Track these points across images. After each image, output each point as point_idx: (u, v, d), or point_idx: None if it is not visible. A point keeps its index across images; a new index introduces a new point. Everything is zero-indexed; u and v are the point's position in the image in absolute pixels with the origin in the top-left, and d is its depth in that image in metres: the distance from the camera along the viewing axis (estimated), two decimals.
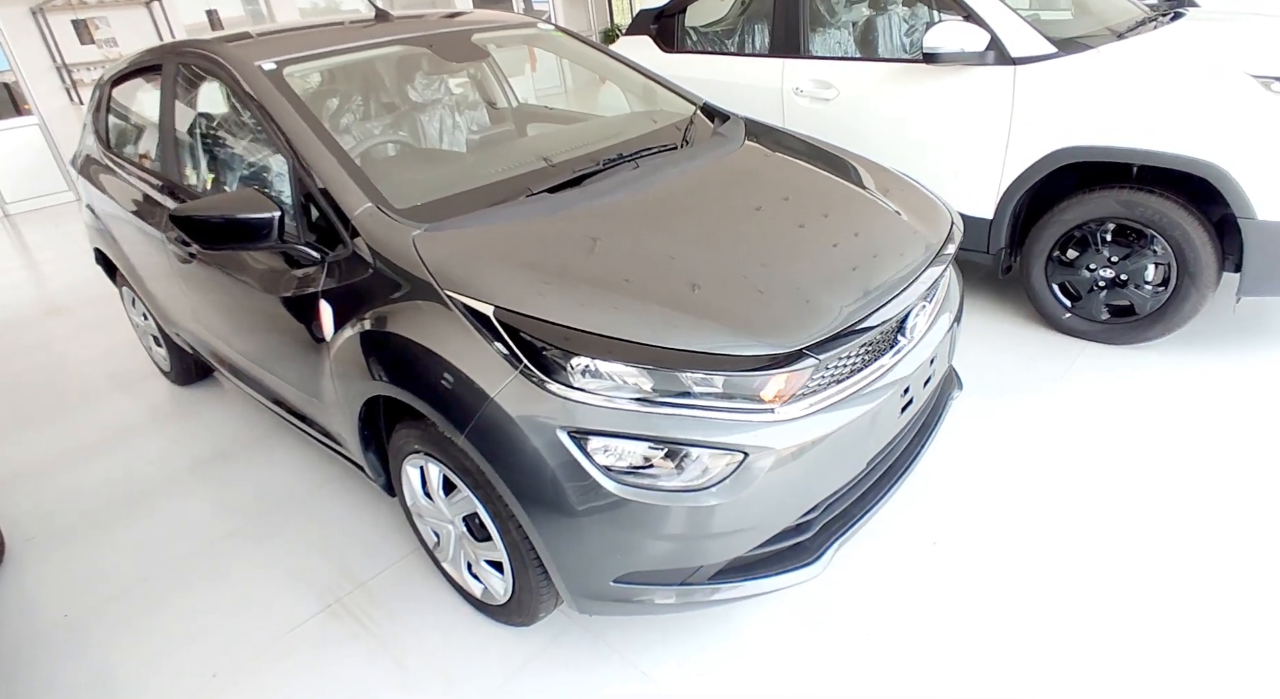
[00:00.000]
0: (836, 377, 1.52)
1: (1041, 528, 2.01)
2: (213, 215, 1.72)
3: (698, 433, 1.39)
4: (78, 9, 8.29)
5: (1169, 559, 1.87)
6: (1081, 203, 2.68)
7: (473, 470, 1.56)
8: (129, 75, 2.75)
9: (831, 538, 1.63)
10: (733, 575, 1.55)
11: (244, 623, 2.00)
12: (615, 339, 1.40)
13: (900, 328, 1.65)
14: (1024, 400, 2.56)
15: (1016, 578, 1.87)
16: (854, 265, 1.66)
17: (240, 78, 2.00)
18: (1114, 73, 2.52)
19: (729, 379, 1.40)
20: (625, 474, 1.40)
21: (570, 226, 1.69)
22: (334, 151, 1.83)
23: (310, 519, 2.39)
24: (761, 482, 1.42)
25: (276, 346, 2.13)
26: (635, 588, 1.52)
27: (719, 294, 1.50)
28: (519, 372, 1.43)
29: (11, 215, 8.49)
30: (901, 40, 3.38)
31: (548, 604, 1.72)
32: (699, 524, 1.42)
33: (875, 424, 1.59)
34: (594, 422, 1.39)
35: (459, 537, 1.81)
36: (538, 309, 1.45)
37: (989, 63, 2.74)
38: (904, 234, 1.82)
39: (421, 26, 2.44)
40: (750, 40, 3.73)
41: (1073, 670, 1.62)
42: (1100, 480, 2.16)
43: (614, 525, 1.43)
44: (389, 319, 1.64)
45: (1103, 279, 2.75)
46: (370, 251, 1.68)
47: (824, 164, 2.16)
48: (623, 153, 2.02)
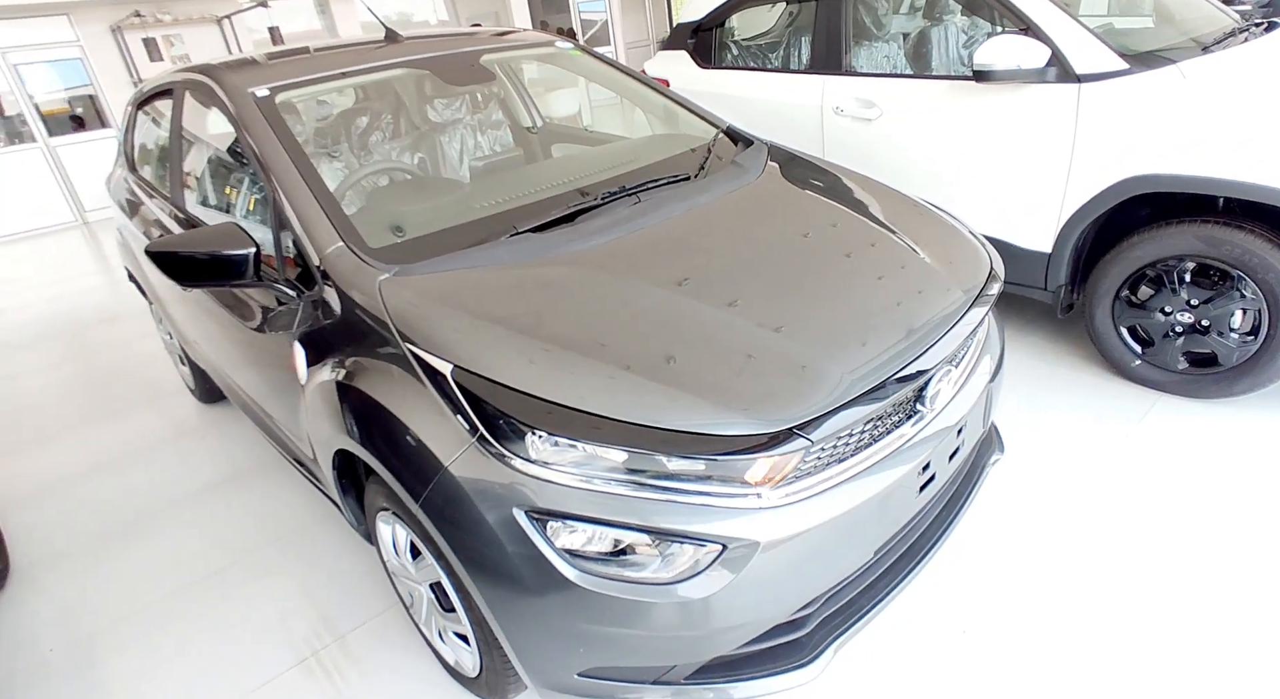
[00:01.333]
0: (838, 455, 1.31)
1: (1093, 617, 1.74)
2: (187, 251, 1.64)
3: (673, 520, 1.21)
4: (153, 27, 8.67)
5: (1235, 653, 1.58)
6: (1156, 238, 2.37)
7: (434, 539, 1.42)
8: (150, 98, 2.75)
9: (832, 635, 1.41)
10: (713, 675, 1.36)
11: (219, 670, 1.92)
12: (582, 412, 1.23)
13: (919, 396, 1.43)
14: (1081, 461, 2.27)
15: (1058, 674, 1.61)
16: (866, 322, 1.44)
17: (230, 104, 1.93)
18: (1198, 92, 2.22)
19: (710, 462, 1.22)
20: (590, 561, 1.24)
21: (550, 273, 1.54)
22: (311, 184, 1.72)
23: (304, 555, 2.30)
24: (746, 574, 1.23)
25: (262, 380, 2.06)
26: (605, 684, 1.35)
27: (704, 360, 1.31)
28: (475, 441, 1.28)
29: (90, 223, 8.94)
30: (959, 53, 3.12)
31: (517, 685, 1.56)
32: (672, 621, 1.24)
33: (886, 506, 1.37)
34: (555, 502, 1.23)
35: (429, 602, 1.67)
36: (500, 372, 1.29)
37: (1049, 80, 2.46)
38: (929, 283, 1.59)
39: (430, 48, 2.33)
40: (791, 55, 3.52)
41: None
42: (1164, 556, 1.87)
43: (576, 616, 1.26)
44: (354, 370, 1.52)
45: (1180, 324, 2.43)
46: (338, 295, 1.57)
47: (849, 200, 1.94)
48: (625, 185, 1.86)
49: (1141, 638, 1.68)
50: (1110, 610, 1.76)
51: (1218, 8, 2.98)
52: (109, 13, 8.38)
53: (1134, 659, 1.63)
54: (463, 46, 2.38)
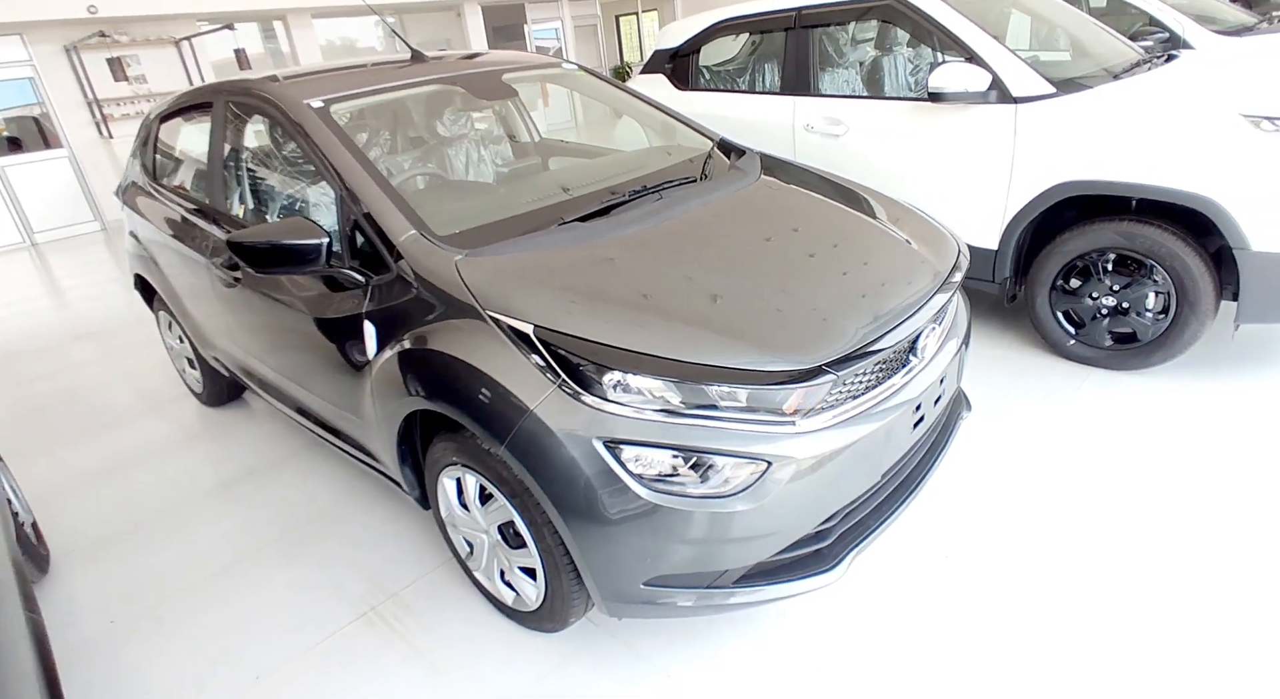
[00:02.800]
0: (853, 392, 1.62)
1: (1047, 543, 2.09)
2: (265, 241, 1.85)
3: (723, 443, 1.49)
4: (111, 48, 8.64)
5: (1167, 572, 1.94)
6: (1082, 234, 2.80)
7: (510, 480, 1.66)
8: (177, 112, 2.92)
9: (850, 545, 1.71)
10: (756, 579, 1.64)
11: (283, 631, 2.08)
12: (647, 355, 1.51)
13: (911, 348, 1.75)
14: (1031, 423, 2.65)
15: (1024, 589, 1.94)
16: (866, 291, 1.77)
17: (291, 115, 2.15)
18: (1111, 111, 2.66)
19: (753, 393, 1.50)
20: (656, 481, 1.50)
21: (601, 252, 1.82)
22: (379, 182, 1.96)
23: (339, 535, 2.47)
24: (783, 489, 1.51)
25: (316, 367, 2.24)
26: (663, 591, 1.60)
27: (742, 314, 1.61)
28: (557, 386, 1.54)
29: (39, 244, 8.73)
30: (907, 80, 3.55)
31: (578, 609, 1.80)
32: (724, 529, 1.52)
33: (889, 438, 1.68)
34: (627, 432, 1.49)
35: (493, 545, 1.90)
36: (574, 328, 1.56)
37: (991, 101, 2.89)
38: (914, 262, 1.93)
39: (455, 67, 2.60)
40: (761, 79, 3.91)
41: (1076, 678, 1.68)
42: (1103, 498, 2.24)
43: (645, 530, 1.52)
44: (431, 338, 1.75)
45: (1105, 307, 2.86)
46: (414, 275, 1.81)
47: (837, 196, 2.28)
48: (646, 185, 2.16)
49: (1087, 559, 2.03)
50: (1061, 537, 2.11)
51: (1125, 43, 3.50)
52: (64, 33, 8.31)
53: (1080, 578, 1.98)
54: (486, 66, 2.66)
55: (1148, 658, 1.71)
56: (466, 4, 12.09)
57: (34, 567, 2.29)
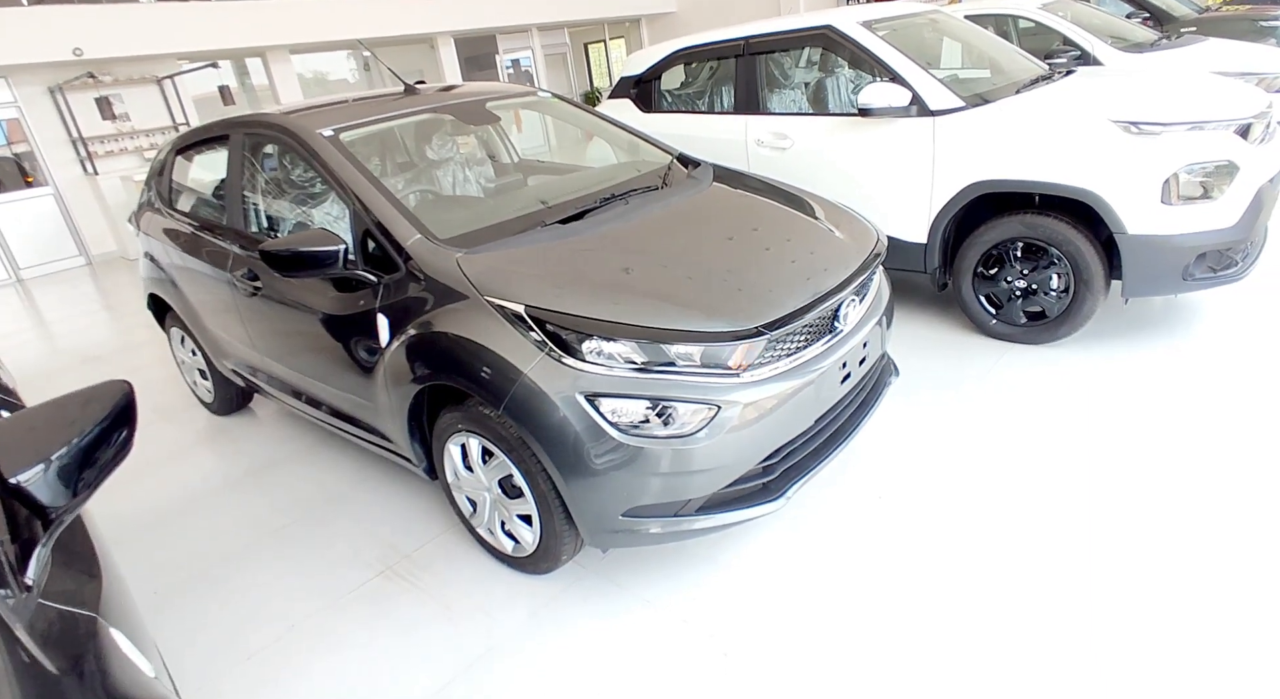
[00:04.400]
0: (787, 351, 1.99)
1: (967, 488, 2.47)
2: (291, 250, 2.19)
3: (682, 392, 1.85)
4: (95, 87, 8.92)
5: (1067, 514, 2.33)
6: (995, 226, 3.23)
7: (508, 437, 2.00)
8: (194, 145, 3.26)
9: (791, 480, 2.07)
10: (714, 509, 1.99)
11: (310, 587, 2.39)
12: (617, 323, 1.87)
13: (835, 317, 2.13)
14: (959, 390, 3.05)
15: (946, 523, 2.31)
16: (801, 271, 2.15)
17: (307, 142, 2.51)
18: (1010, 120, 3.11)
19: (705, 350, 1.87)
20: (630, 427, 1.85)
21: (579, 247, 2.18)
22: (387, 196, 2.32)
23: (354, 512, 2.78)
24: (731, 429, 1.88)
25: (332, 362, 2.57)
26: (638, 521, 1.95)
27: (696, 291, 1.99)
28: (545, 353, 1.89)
29: (25, 281, 8.90)
30: (846, 98, 3.99)
31: (569, 547, 2.13)
32: (685, 463, 1.87)
33: (820, 389, 2.06)
34: (604, 387, 1.85)
35: (494, 500, 2.23)
36: (558, 305, 1.92)
37: (913, 115, 3.32)
38: (840, 249, 2.32)
39: (445, 97, 2.98)
40: (717, 101, 4.34)
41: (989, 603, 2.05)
42: (1018, 451, 2.63)
43: (622, 468, 1.87)
44: (437, 323, 2.10)
45: (1018, 289, 3.28)
46: (421, 272, 2.16)
47: (778, 198, 2.68)
48: (615, 193, 2.54)
49: (1001, 502, 2.41)
50: (980, 484, 2.49)
51: (1033, 62, 3.98)
52: (49, 74, 8.58)
53: (996, 518, 2.36)
54: (470, 96, 3.04)
55: (1044, 591, 2.09)
56: (439, 36, 12.54)
57: None
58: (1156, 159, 2.78)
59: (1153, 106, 2.91)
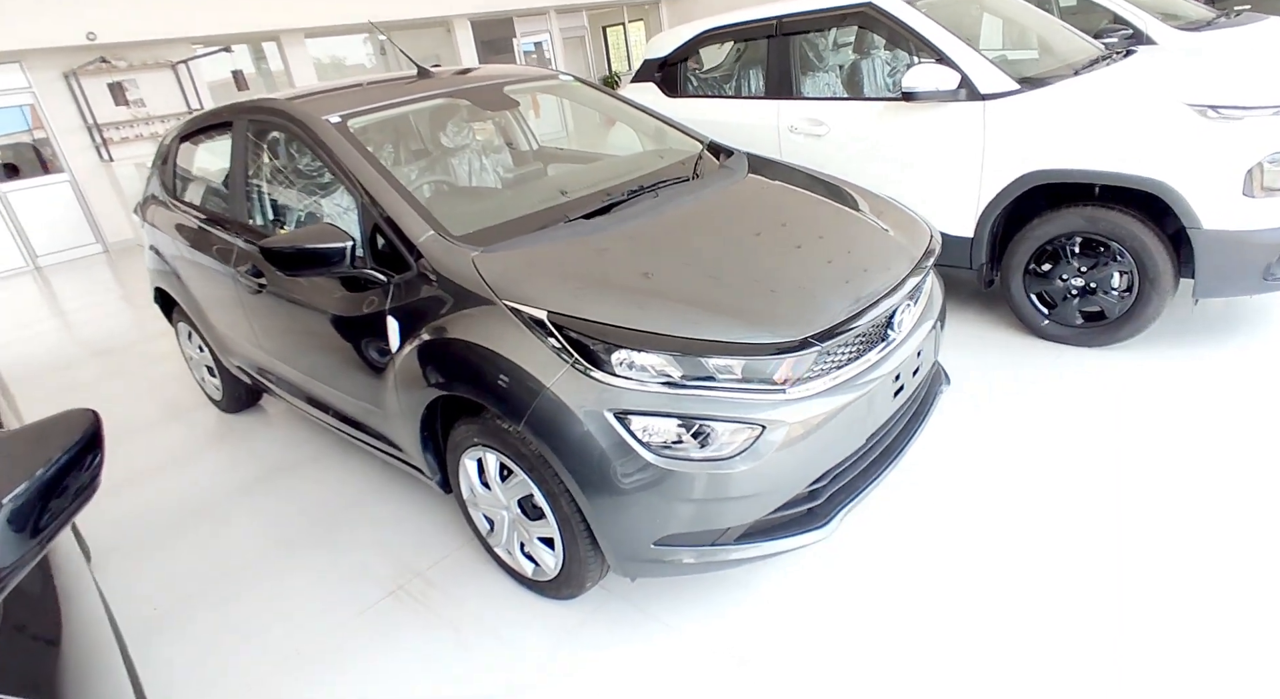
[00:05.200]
0: (837, 363, 1.79)
1: (1025, 504, 2.26)
2: (294, 246, 2.01)
3: (722, 410, 1.66)
4: (109, 73, 8.81)
5: (1129, 529, 2.12)
6: (1051, 220, 2.99)
7: (529, 455, 1.83)
8: (197, 132, 3.09)
9: (839, 505, 1.88)
10: (754, 537, 1.80)
11: (318, 610, 2.24)
12: (650, 333, 1.68)
13: (889, 324, 1.93)
14: (1009, 397, 2.83)
15: (1001, 548, 2.11)
16: (848, 275, 1.94)
17: (312, 130, 2.33)
18: (1071, 104, 2.86)
19: (747, 364, 1.68)
20: (663, 448, 1.67)
21: (605, 245, 1.99)
22: (397, 189, 2.14)
23: (363, 525, 2.63)
24: (776, 452, 1.68)
25: (340, 364, 2.40)
26: (671, 550, 1.77)
27: (736, 295, 1.79)
28: (570, 365, 1.71)
29: (43, 268, 8.86)
30: (884, 81, 3.75)
31: (594, 573, 1.96)
32: (724, 489, 1.68)
33: (871, 405, 1.86)
34: (635, 403, 1.66)
35: (513, 520, 2.06)
36: (584, 311, 1.73)
37: (961, 99, 3.08)
38: (891, 247, 2.11)
39: (460, 81, 2.79)
40: (746, 84, 4.10)
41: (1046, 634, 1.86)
42: (1078, 465, 2.42)
43: (654, 493, 1.68)
44: (452, 328, 1.92)
45: (1074, 288, 3.04)
46: (434, 271, 1.98)
47: (821, 190, 2.46)
48: (643, 185, 2.34)
49: (1062, 517, 2.21)
50: (1038, 500, 2.28)
51: (1088, 41, 3.71)
52: (63, 60, 8.48)
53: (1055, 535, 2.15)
54: (487, 80, 2.84)
55: (1116, 618, 1.89)
56: (455, 19, 12.31)
57: None
58: (1238, 146, 2.53)
59: (1234, 89, 2.65)
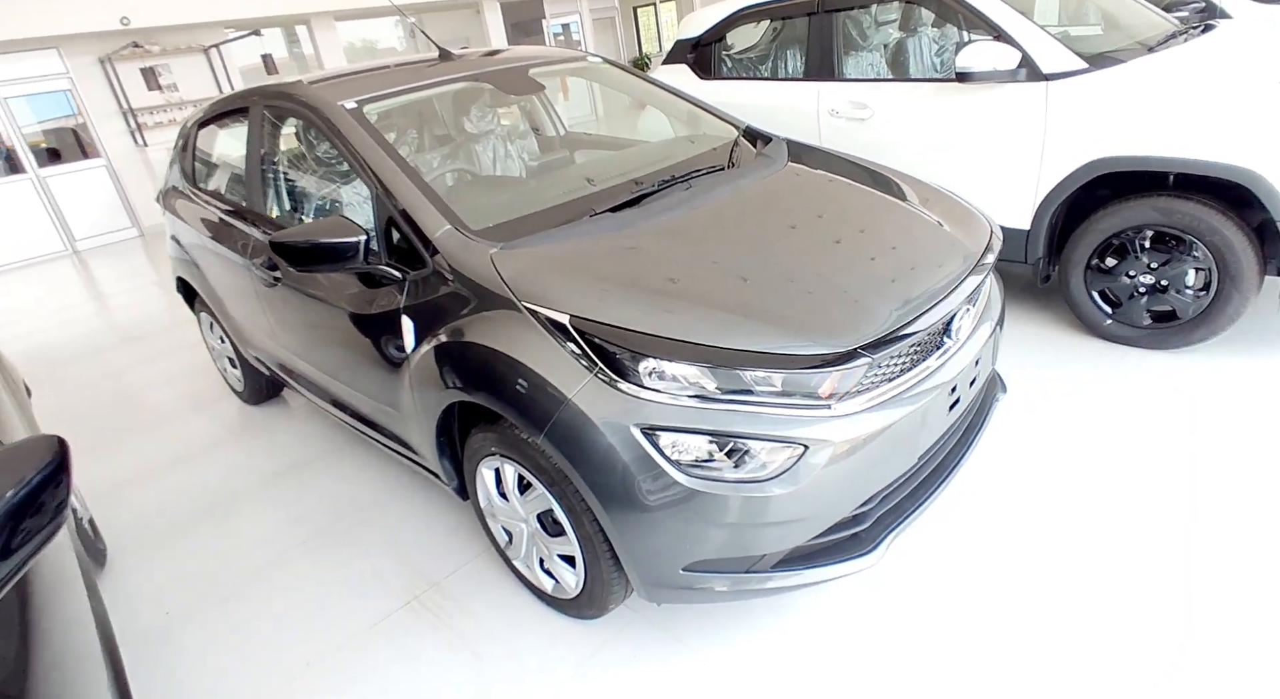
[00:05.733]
0: (888, 375, 1.62)
1: (1085, 530, 2.07)
2: (305, 241, 1.89)
3: (760, 427, 1.50)
4: (143, 58, 8.84)
5: (1203, 557, 1.91)
6: (1118, 212, 2.75)
7: (549, 469, 1.69)
8: (215, 118, 2.99)
9: (887, 528, 1.71)
10: (794, 564, 1.65)
11: (330, 619, 2.14)
12: (681, 341, 1.52)
13: (945, 330, 1.75)
14: (1069, 404, 2.62)
15: (1059, 574, 1.92)
16: (898, 274, 1.76)
17: (326, 116, 2.20)
18: (1147, 85, 2.61)
19: (788, 377, 1.51)
20: (693, 467, 1.52)
21: (634, 241, 1.83)
22: (413, 179, 2.00)
23: (380, 526, 2.53)
24: (820, 473, 1.52)
25: (355, 362, 2.30)
26: (702, 576, 1.62)
27: (775, 299, 1.62)
28: (594, 374, 1.56)
29: (81, 252, 8.98)
30: (932, 60, 3.51)
31: (618, 595, 1.82)
32: (761, 513, 1.53)
33: (925, 420, 1.68)
34: (664, 418, 1.51)
35: (532, 534, 1.94)
36: (609, 316, 1.58)
37: (1021, 79, 2.84)
38: (945, 244, 1.92)
39: (483, 64, 2.63)
40: (784, 65, 3.88)
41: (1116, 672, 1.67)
42: (1145, 481, 2.21)
43: (683, 516, 1.54)
44: (469, 330, 1.79)
45: (1143, 285, 2.80)
46: (450, 269, 1.84)
47: (866, 180, 2.27)
48: (675, 174, 2.17)
49: (1125, 543, 2.01)
50: (1101, 521, 2.09)
51: (1160, 15, 3.41)
52: (98, 45, 8.52)
53: (1116, 561, 1.96)
54: (507, 63, 2.69)
55: (1194, 647, 1.70)
56: (485, 1, 12.14)
57: (92, 561, 2.38)
58: None
59: None
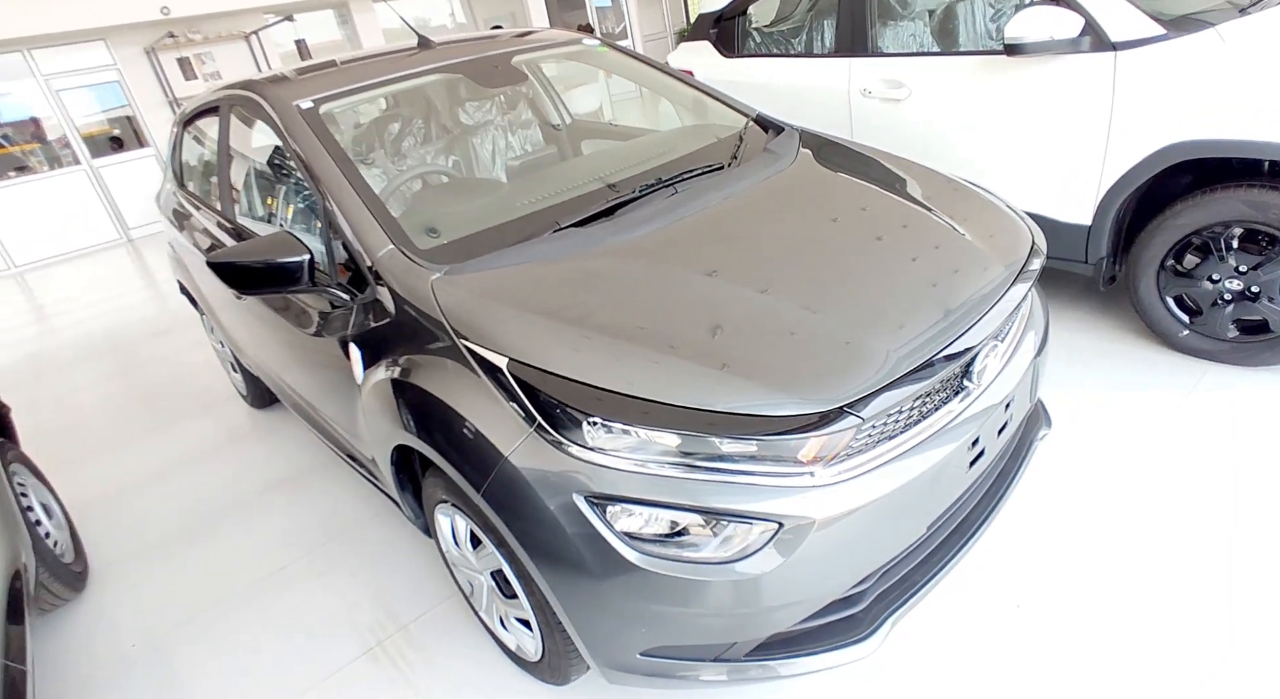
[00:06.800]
0: (888, 432, 1.33)
1: (1149, 589, 1.74)
2: (244, 261, 1.70)
3: (727, 500, 1.25)
4: (184, 47, 8.91)
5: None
6: (1200, 205, 2.33)
7: (494, 528, 1.48)
8: (196, 116, 2.85)
9: (888, 610, 1.44)
10: (774, 651, 1.39)
11: (293, 663, 2.00)
12: (637, 398, 1.27)
13: (966, 371, 1.44)
14: (1131, 435, 2.25)
15: (1117, 650, 1.61)
16: (909, 300, 1.45)
17: (276, 117, 2.01)
18: (1239, 54, 2.17)
19: (762, 442, 1.24)
20: (649, 542, 1.28)
21: (596, 265, 1.58)
22: (360, 191, 1.79)
23: (363, 552, 2.38)
24: (801, 552, 1.26)
25: (318, 383, 2.13)
26: (667, 663, 1.39)
27: (752, 345, 1.34)
28: (534, 430, 1.32)
29: (135, 240, 9.23)
30: (987, 27, 3.08)
31: (579, 667, 1.61)
32: (730, 599, 1.28)
33: (938, 482, 1.39)
34: (613, 486, 1.27)
35: (489, 590, 1.73)
36: (553, 363, 1.34)
37: (1084, 50, 2.43)
38: (971, 260, 1.59)
39: (463, 52, 2.39)
40: (815, 39, 3.50)
41: None
42: (1225, 525, 1.85)
43: (636, 596, 1.30)
44: (411, 368, 1.57)
45: (1229, 291, 2.39)
46: (391, 295, 1.63)
47: (883, 181, 1.94)
48: (662, 177, 1.89)
49: (1192, 614, 1.67)
50: (1167, 582, 1.75)
51: None
52: (143, 35, 8.63)
53: (1184, 634, 1.63)
54: (493, 49, 2.43)
55: None
56: None
57: (66, 586, 2.30)
58: None
59: None
